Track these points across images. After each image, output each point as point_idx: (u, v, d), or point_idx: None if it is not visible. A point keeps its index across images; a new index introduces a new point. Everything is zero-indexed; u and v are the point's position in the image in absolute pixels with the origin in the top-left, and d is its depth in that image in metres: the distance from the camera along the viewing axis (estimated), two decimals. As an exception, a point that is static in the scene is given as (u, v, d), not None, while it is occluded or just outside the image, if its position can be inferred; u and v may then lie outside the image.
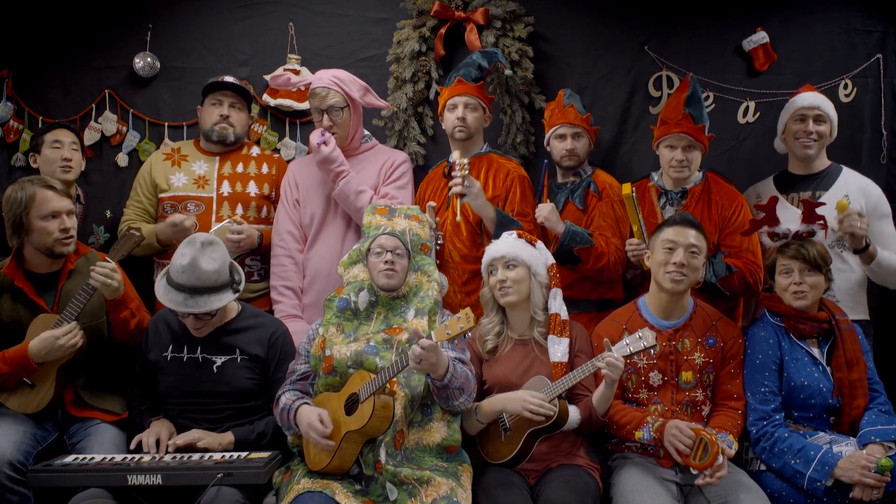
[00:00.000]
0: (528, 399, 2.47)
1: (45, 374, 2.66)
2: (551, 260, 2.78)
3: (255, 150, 3.36)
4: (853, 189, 3.05)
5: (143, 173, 3.28)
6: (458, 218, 2.96)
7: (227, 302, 2.56)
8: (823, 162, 3.18)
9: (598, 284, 3.09)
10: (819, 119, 3.11)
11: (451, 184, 2.95)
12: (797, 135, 3.13)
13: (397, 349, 2.49)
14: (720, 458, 2.39)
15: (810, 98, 3.14)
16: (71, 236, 2.72)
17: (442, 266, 3.06)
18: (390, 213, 2.79)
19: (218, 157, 3.28)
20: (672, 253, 2.61)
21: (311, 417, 2.40)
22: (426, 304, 2.60)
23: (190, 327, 2.61)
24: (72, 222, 2.72)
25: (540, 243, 2.79)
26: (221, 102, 3.23)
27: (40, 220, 2.67)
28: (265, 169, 3.30)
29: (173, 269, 2.53)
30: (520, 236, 2.75)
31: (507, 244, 2.72)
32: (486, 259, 2.74)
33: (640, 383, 2.65)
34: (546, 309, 2.70)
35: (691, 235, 2.62)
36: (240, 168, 3.27)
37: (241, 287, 2.62)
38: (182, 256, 2.52)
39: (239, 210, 3.21)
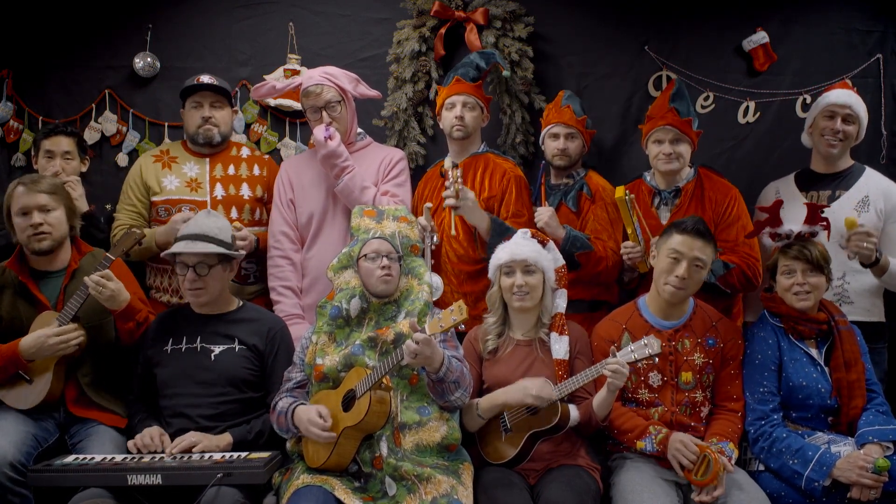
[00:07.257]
0: (530, 386, 2.48)
1: (42, 370, 2.65)
2: (561, 261, 2.78)
3: (245, 152, 3.33)
4: (874, 190, 3.03)
5: (134, 176, 3.24)
6: (454, 232, 2.94)
7: (221, 250, 2.64)
8: (846, 161, 3.14)
9: (592, 286, 3.08)
10: (848, 119, 3.06)
11: (444, 194, 2.93)
12: (823, 132, 3.07)
13: (381, 349, 2.51)
14: (722, 476, 2.39)
15: (844, 96, 3.09)
16: (42, 233, 2.69)
17: (438, 269, 3.06)
18: (379, 216, 2.77)
19: (208, 159, 3.25)
20: (676, 264, 2.58)
21: (310, 414, 2.41)
22: (416, 307, 2.60)
23: (188, 289, 2.65)
24: (46, 218, 2.69)
25: (551, 243, 2.78)
26: (201, 104, 3.18)
27: (15, 217, 2.72)
28: (256, 171, 3.28)
29: (182, 231, 2.70)
30: (533, 235, 2.74)
31: (529, 247, 2.67)
32: (503, 257, 2.68)
33: (639, 383, 2.65)
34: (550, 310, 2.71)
35: (697, 247, 2.57)
36: (231, 170, 3.25)
37: (238, 254, 2.75)
38: (190, 220, 2.75)
39: (233, 213, 3.19)
